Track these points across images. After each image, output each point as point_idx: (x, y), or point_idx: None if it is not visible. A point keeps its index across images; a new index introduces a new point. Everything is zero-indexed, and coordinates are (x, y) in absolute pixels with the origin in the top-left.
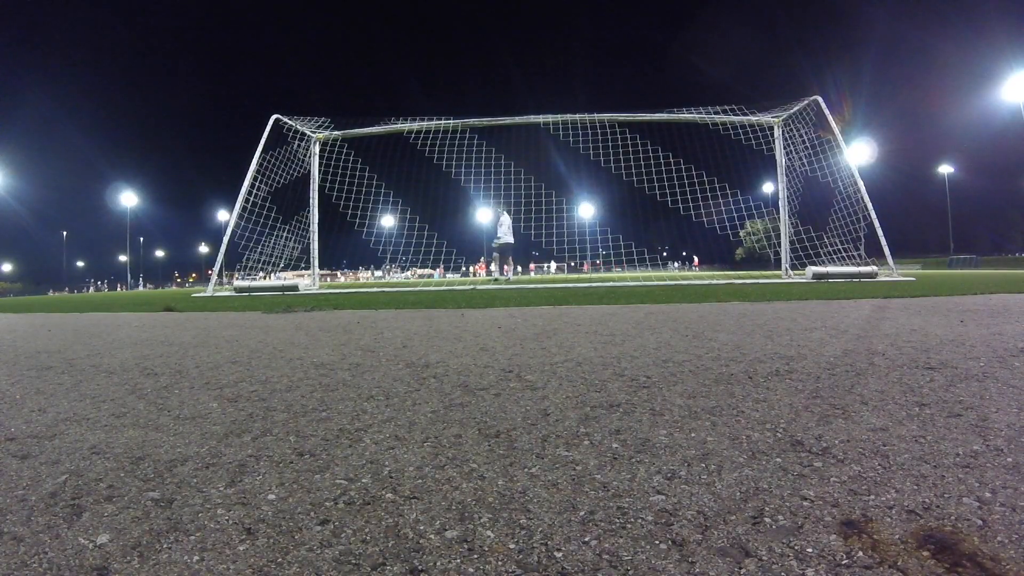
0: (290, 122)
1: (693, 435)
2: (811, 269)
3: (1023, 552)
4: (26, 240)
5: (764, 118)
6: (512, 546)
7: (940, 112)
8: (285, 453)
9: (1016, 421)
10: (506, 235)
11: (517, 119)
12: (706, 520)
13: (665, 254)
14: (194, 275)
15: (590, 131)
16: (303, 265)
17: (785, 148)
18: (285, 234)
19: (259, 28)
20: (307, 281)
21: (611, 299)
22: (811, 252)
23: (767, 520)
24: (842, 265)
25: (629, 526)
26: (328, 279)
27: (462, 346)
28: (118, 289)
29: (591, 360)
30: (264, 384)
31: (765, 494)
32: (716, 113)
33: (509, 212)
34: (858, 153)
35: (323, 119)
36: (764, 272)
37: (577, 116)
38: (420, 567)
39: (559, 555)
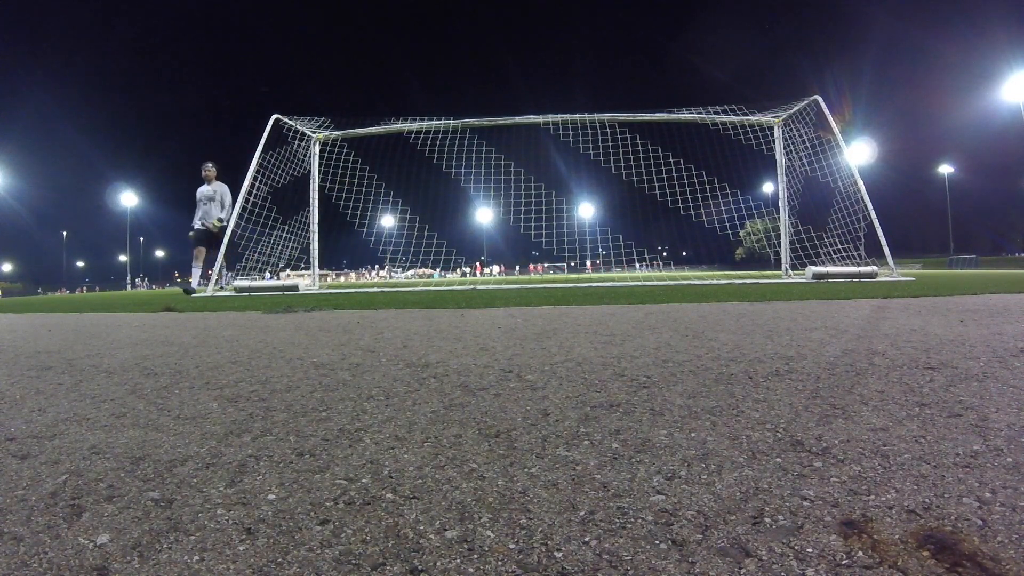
0: (290, 122)
1: (693, 435)
2: (811, 269)
3: (1023, 552)
4: (26, 240)
5: (764, 118)
6: (512, 546)
7: (940, 112)
8: (285, 453)
9: (1016, 421)
10: (209, 213)
11: (517, 119)
12: (706, 520)
13: (665, 254)
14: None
15: (590, 131)
16: (303, 265)
17: (785, 148)
18: (285, 234)
19: (259, 28)
20: (307, 281)
21: (611, 299)
22: (811, 252)
23: (767, 520)
24: (842, 265)
25: (629, 526)
26: (328, 278)
27: (462, 346)
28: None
29: (591, 360)
30: (264, 384)
31: (765, 494)
32: (716, 113)
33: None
34: (858, 153)
35: (323, 119)
36: (764, 272)
37: (577, 116)
38: (420, 567)
39: (559, 555)
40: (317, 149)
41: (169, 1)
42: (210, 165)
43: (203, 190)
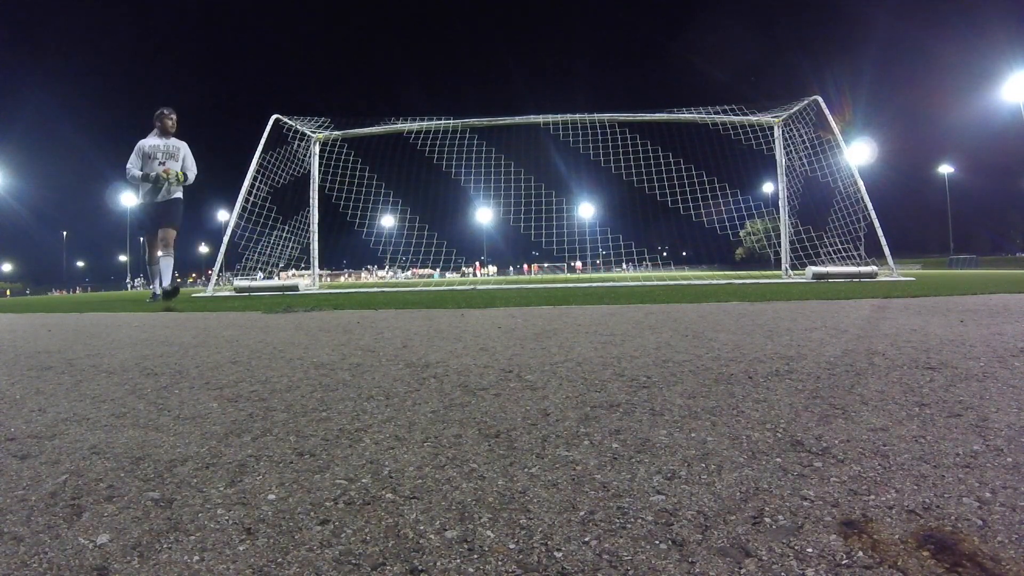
0: (290, 122)
1: (693, 435)
2: (811, 269)
3: (1023, 552)
4: (26, 240)
5: (764, 118)
6: (512, 546)
7: (940, 112)
8: (285, 453)
9: (1016, 421)
10: (158, 178)
11: (517, 119)
12: (706, 520)
13: (665, 254)
14: (194, 275)
15: (590, 131)
16: (303, 265)
17: (785, 148)
18: (285, 234)
19: (259, 28)
20: (307, 281)
21: (611, 299)
22: (811, 252)
23: (767, 520)
24: (842, 265)
25: (629, 526)
26: (328, 278)
27: (462, 346)
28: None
29: (591, 360)
30: (264, 384)
31: (765, 494)
32: (716, 113)
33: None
34: (858, 153)
35: (323, 119)
36: (764, 272)
37: (577, 116)
38: (420, 567)
39: (559, 555)
40: (317, 149)
41: (169, 1)
42: (170, 111)
43: (156, 144)
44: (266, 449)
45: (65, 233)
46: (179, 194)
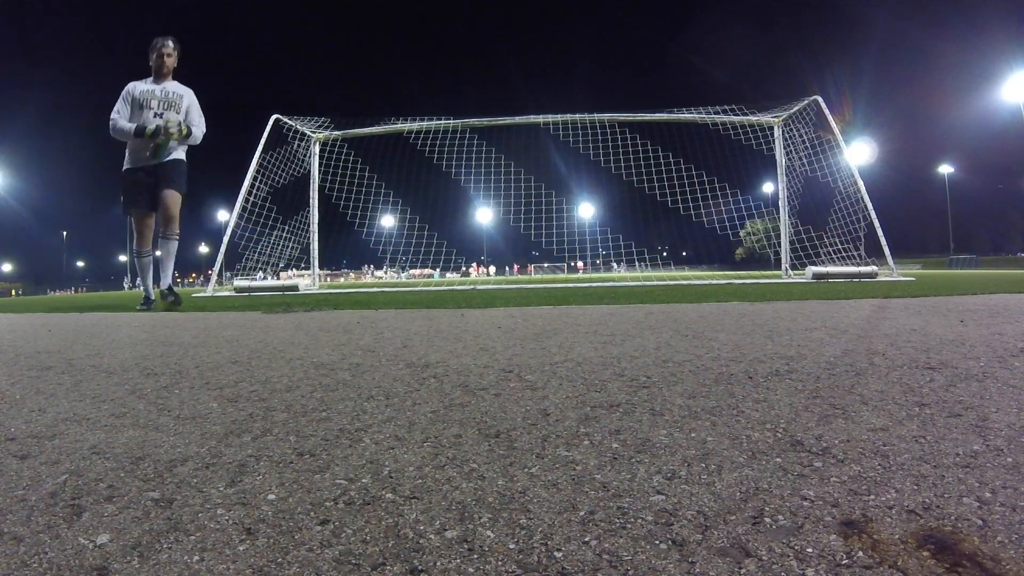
0: (290, 122)
1: (693, 435)
2: (811, 269)
3: (1023, 552)
4: (26, 240)
5: (764, 118)
6: (512, 546)
7: (940, 112)
8: (285, 453)
9: (1016, 421)
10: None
11: (517, 119)
12: (706, 520)
13: (665, 254)
14: (194, 275)
15: (590, 131)
16: (303, 265)
17: (785, 148)
18: (285, 234)
19: (259, 28)
20: (307, 281)
21: (611, 299)
22: (811, 252)
23: (767, 520)
24: (842, 265)
25: (629, 526)
26: (328, 278)
27: (462, 346)
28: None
29: (591, 360)
30: (264, 384)
31: (765, 494)
32: (716, 113)
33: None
34: (858, 153)
35: (323, 119)
36: (764, 272)
37: (577, 116)
38: (420, 567)
39: (559, 555)
40: (317, 149)
41: (169, 1)
42: (171, 43)
43: (151, 89)
44: (266, 449)
45: (65, 233)
46: (181, 154)
